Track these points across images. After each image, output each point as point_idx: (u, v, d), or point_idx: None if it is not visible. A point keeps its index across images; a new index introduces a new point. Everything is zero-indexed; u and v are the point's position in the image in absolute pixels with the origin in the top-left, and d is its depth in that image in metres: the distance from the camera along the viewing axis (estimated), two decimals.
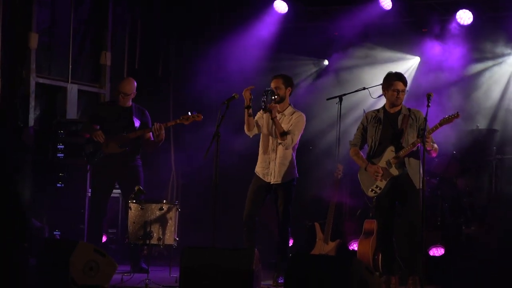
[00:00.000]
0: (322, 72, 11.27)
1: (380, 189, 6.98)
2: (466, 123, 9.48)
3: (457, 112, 6.78)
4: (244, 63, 10.45)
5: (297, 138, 7.60)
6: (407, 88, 7.12)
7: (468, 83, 10.14)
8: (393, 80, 7.01)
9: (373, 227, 8.04)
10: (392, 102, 7.02)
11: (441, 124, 6.79)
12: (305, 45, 10.90)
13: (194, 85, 10.44)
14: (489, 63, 10.15)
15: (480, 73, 10.17)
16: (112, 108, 8.40)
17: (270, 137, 7.63)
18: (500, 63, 10.15)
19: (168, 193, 10.70)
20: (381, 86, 7.43)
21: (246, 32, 10.72)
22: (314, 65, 11.33)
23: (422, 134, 6.67)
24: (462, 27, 10.06)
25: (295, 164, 7.69)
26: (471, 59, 10.11)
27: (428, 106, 6.75)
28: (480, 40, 10.00)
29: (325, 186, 9.08)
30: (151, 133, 8.24)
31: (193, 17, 10.98)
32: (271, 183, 7.60)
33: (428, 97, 6.78)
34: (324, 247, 8.01)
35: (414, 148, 6.87)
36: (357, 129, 7.30)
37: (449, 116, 6.78)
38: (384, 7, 10.28)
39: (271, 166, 7.58)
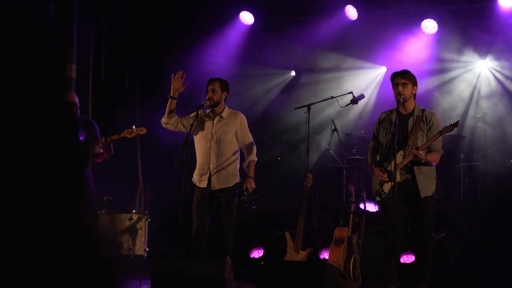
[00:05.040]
0: (290, 82, 11.28)
1: (384, 193, 6.87)
2: None
3: (458, 121, 6.67)
4: (211, 75, 10.38)
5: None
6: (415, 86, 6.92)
7: (434, 91, 10.24)
8: (392, 76, 6.95)
9: (343, 235, 8.00)
10: (395, 98, 6.86)
11: (441, 133, 6.66)
12: (272, 56, 10.89)
13: (161, 97, 10.35)
14: (455, 71, 10.26)
15: (446, 81, 10.26)
16: None
17: (208, 142, 7.37)
18: (466, 71, 10.26)
19: (136, 205, 10.56)
20: (349, 95, 7.57)
21: (212, 44, 10.70)
22: (282, 76, 11.33)
23: (416, 147, 6.61)
24: (427, 36, 10.17)
25: (238, 169, 7.47)
26: (437, 67, 10.21)
27: (397, 109, 6.76)
28: (445, 49, 10.10)
29: (295, 195, 9.03)
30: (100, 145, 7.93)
31: (159, 29, 10.92)
32: (212, 189, 7.32)
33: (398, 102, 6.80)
34: (295, 256, 7.93)
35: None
36: (373, 131, 7.20)
37: (450, 124, 6.65)
38: (350, 17, 10.35)
39: (210, 172, 7.30)
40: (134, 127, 7.73)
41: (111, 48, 10.78)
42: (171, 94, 7.35)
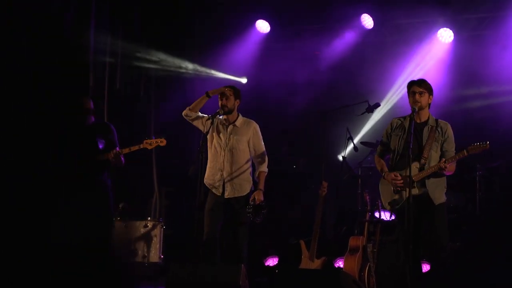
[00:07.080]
0: (305, 90, 11.27)
1: (397, 204, 6.77)
2: None
3: (487, 142, 6.48)
4: (226, 82, 10.44)
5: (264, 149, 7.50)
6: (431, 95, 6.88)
7: (450, 100, 10.21)
8: (409, 85, 6.90)
9: (358, 244, 7.99)
10: (411, 106, 6.81)
11: (468, 152, 6.53)
12: (287, 64, 10.89)
13: (175, 105, 10.37)
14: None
15: (462, 89, 10.24)
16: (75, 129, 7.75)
17: (222, 150, 7.36)
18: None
19: (151, 213, 10.57)
20: (364, 104, 7.57)
21: (228, 52, 10.73)
22: (297, 84, 11.31)
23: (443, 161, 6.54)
24: (443, 44, 10.17)
25: (251, 176, 7.43)
26: (451, 76, 10.19)
27: (412, 117, 6.72)
28: (461, 58, 10.08)
29: (310, 203, 9.02)
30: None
31: (174, 38, 10.96)
32: (226, 197, 7.29)
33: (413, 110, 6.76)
34: (310, 264, 7.92)
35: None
36: (382, 137, 7.13)
37: (478, 144, 6.50)
38: (365, 26, 10.37)
39: (224, 180, 7.28)
40: (154, 137, 7.54)
41: (126, 56, 10.84)
42: (209, 91, 7.36)
